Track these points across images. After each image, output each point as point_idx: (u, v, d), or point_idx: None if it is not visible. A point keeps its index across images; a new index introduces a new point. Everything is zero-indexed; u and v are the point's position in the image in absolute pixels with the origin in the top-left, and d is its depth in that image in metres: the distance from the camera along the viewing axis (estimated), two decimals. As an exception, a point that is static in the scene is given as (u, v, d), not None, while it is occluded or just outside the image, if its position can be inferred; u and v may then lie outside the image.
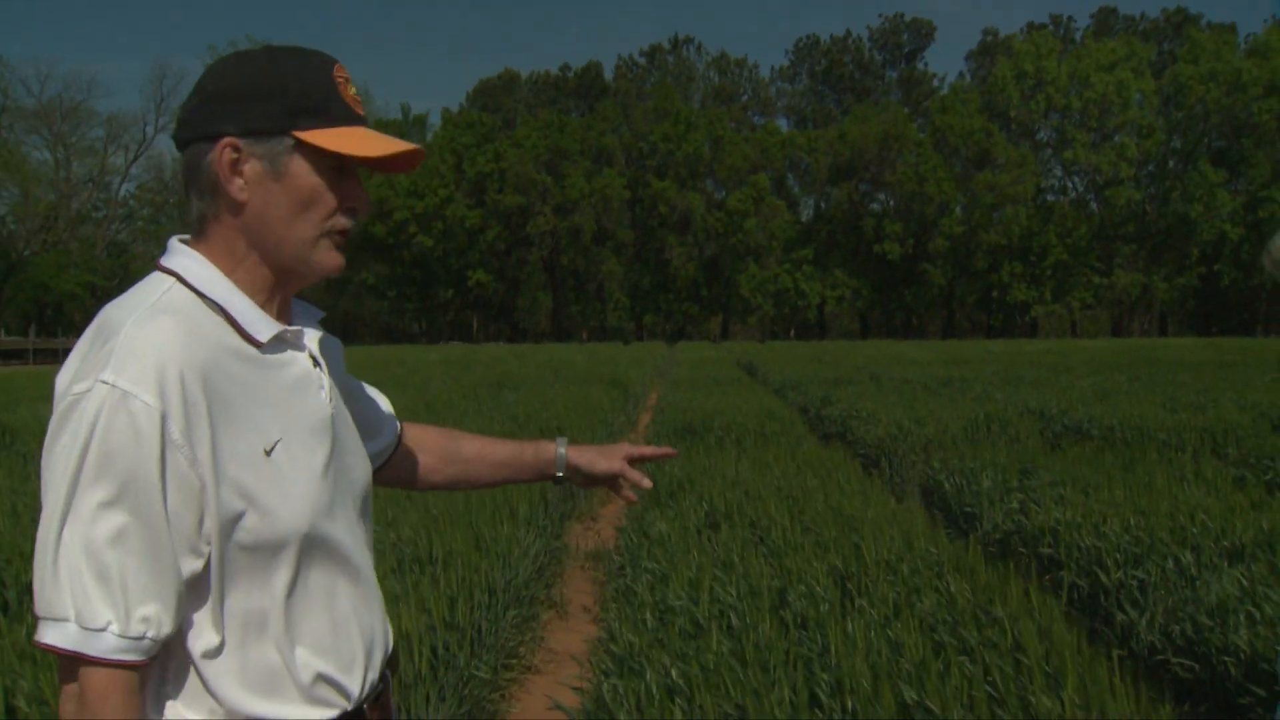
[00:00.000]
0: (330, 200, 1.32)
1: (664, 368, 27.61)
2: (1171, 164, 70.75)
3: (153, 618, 1.15)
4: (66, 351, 1.25)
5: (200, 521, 1.20)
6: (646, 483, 1.83)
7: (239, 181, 1.28)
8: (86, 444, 1.14)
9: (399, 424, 1.74)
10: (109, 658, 1.13)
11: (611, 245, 72.96)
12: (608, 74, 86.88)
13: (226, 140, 1.27)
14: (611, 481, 1.85)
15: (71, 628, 1.13)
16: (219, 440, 1.21)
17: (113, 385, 1.15)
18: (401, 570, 4.96)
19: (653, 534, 5.80)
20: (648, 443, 10.50)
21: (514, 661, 4.64)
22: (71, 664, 1.15)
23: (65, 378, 1.20)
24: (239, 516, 1.22)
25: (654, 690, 3.43)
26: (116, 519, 1.14)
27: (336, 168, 1.32)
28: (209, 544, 1.22)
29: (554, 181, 70.70)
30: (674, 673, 3.49)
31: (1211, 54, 65.44)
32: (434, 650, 4.01)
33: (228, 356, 1.26)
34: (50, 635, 1.14)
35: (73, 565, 1.13)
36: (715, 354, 36.09)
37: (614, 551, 6.27)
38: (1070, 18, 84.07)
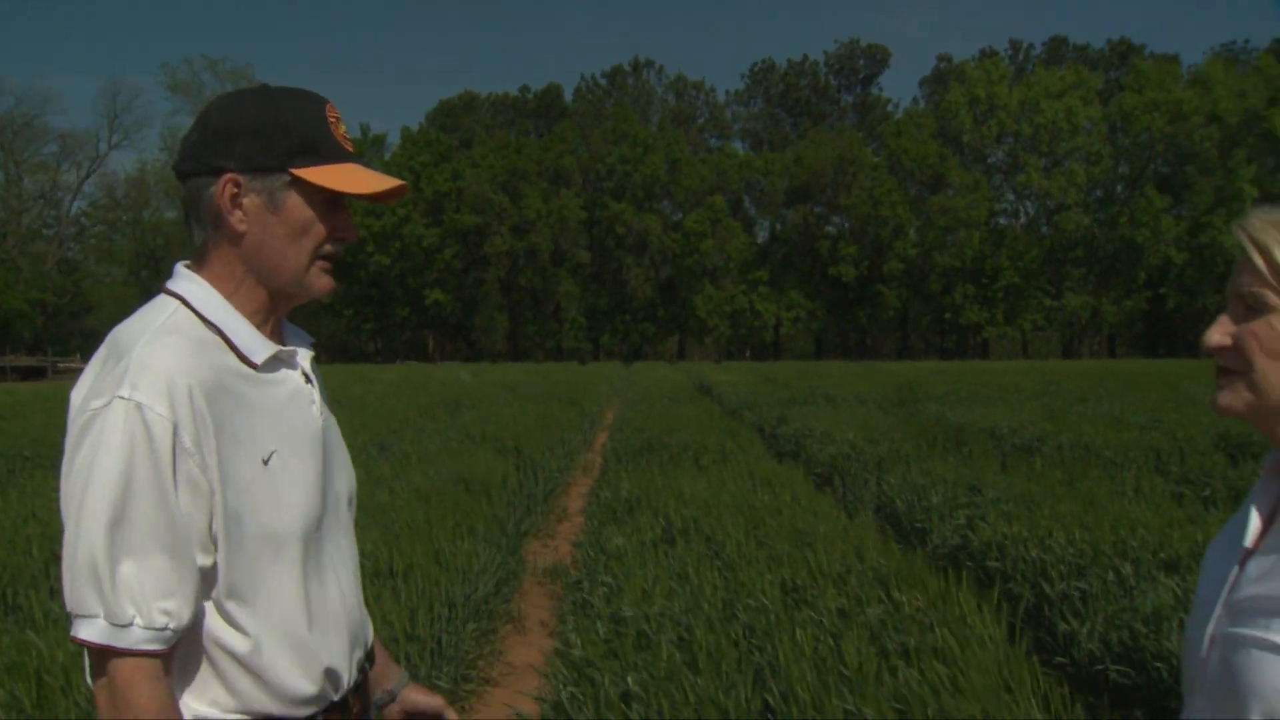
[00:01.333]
0: (321, 230, 1.44)
1: (621, 388, 27.63)
2: (1119, 190, 72.11)
3: (173, 610, 1.26)
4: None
5: (210, 523, 1.31)
6: None
7: (239, 214, 1.40)
8: (107, 454, 1.24)
9: None
10: (136, 648, 1.24)
11: (568, 266, 72.98)
12: (568, 96, 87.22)
13: (228, 176, 1.39)
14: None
15: (101, 623, 1.23)
16: (223, 449, 1.32)
17: (129, 399, 1.25)
18: (363, 582, 5.00)
19: (610, 549, 5.88)
20: (604, 461, 10.60)
21: (473, 674, 4.70)
22: (101, 657, 1.26)
23: (80, 395, 1.30)
24: (241, 520, 1.33)
25: (611, 696, 3.52)
26: (135, 522, 1.24)
27: (328, 201, 1.44)
28: (216, 543, 1.32)
29: (511, 202, 70.63)
30: (630, 679, 3.58)
31: (1155, 84, 66.83)
32: (395, 661, 4.06)
33: (228, 374, 1.37)
34: (83, 631, 1.24)
35: (99, 566, 1.23)
36: (672, 374, 36.17)
37: (571, 566, 6.34)
38: (1030, 44, 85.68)
